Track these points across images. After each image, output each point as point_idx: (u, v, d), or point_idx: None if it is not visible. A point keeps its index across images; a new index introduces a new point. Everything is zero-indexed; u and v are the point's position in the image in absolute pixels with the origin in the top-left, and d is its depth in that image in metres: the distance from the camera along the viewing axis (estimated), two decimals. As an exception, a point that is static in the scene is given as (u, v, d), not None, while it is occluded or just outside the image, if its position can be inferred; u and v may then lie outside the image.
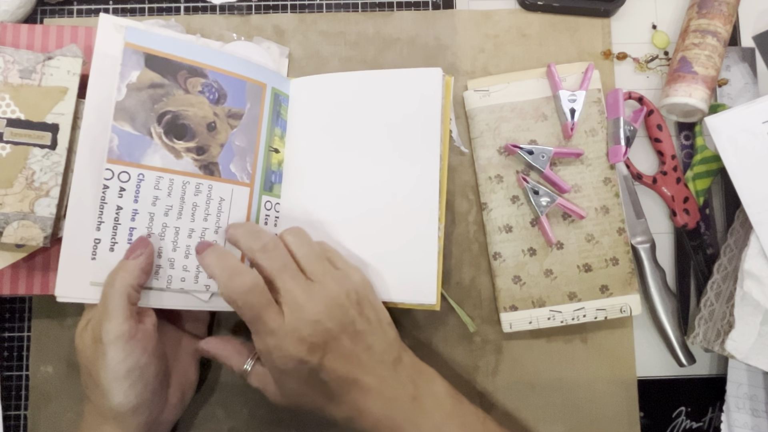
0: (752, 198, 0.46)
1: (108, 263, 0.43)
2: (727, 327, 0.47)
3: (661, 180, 0.52)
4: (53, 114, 0.45)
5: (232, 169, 0.47)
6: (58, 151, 0.44)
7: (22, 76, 0.44)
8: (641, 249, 0.51)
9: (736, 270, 0.48)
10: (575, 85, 0.51)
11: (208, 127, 0.46)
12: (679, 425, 0.51)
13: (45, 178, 0.44)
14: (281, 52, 0.52)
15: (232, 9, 0.54)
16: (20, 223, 0.44)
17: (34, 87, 0.44)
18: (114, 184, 0.43)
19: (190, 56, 0.46)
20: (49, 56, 0.45)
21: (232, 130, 0.47)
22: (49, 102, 0.45)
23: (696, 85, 0.50)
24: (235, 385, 0.50)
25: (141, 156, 0.44)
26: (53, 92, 0.45)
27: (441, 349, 0.51)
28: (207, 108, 0.46)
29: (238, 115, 0.47)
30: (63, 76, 0.45)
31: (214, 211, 0.46)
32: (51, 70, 0.45)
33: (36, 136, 0.44)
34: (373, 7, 0.54)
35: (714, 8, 0.51)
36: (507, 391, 0.51)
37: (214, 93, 0.47)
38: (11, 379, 0.50)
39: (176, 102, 0.45)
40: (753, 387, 0.49)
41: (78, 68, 0.45)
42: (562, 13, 0.54)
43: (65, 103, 0.45)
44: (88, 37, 0.48)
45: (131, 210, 0.44)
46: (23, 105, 0.44)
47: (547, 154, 0.49)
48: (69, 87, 0.45)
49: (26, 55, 0.45)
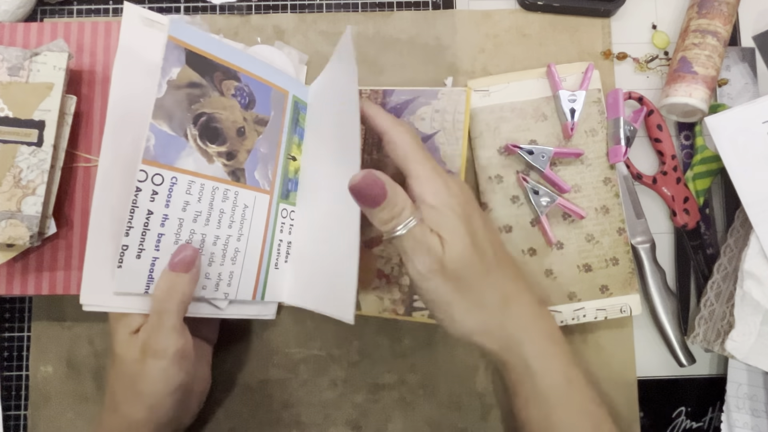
0: (752, 198, 0.46)
1: (134, 271, 0.41)
2: (727, 327, 0.47)
3: (661, 180, 0.52)
4: (40, 110, 0.44)
5: (256, 176, 0.46)
6: (44, 148, 0.44)
7: (11, 74, 0.44)
8: (641, 249, 0.51)
9: (736, 270, 0.48)
10: (575, 85, 0.51)
11: (237, 132, 0.45)
12: (679, 425, 0.51)
13: (32, 176, 0.43)
14: (300, 58, 0.52)
15: (232, 9, 0.54)
16: (8, 222, 0.43)
17: (22, 84, 0.44)
18: (147, 186, 0.40)
19: (225, 57, 0.44)
20: (35, 52, 0.44)
21: (258, 136, 0.46)
22: (35, 98, 0.44)
23: (696, 85, 0.50)
24: (235, 384, 0.50)
25: (175, 158, 0.42)
26: (40, 88, 0.44)
27: (441, 349, 0.51)
28: (238, 112, 0.45)
29: (264, 122, 0.46)
30: (49, 72, 0.44)
31: (238, 219, 0.45)
32: (38, 66, 0.44)
33: (23, 134, 0.43)
34: (373, 7, 0.54)
35: (714, 8, 0.51)
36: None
37: (245, 97, 0.46)
38: (11, 379, 0.50)
39: (212, 104, 0.44)
40: (753, 387, 0.49)
41: (64, 63, 0.44)
42: (562, 13, 0.54)
43: (51, 99, 0.44)
44: (80, 32, 0.48)
45: (162, 215, 0.41)
46: (11, 103, 0.44)
47: (547, 154, 0.49)
48: (54, 82, 0.44)
49: (15, 52, 0.44)
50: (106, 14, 0.53)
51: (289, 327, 0.51)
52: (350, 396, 0.51)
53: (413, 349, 0.51)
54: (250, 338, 0.51)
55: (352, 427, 0.51)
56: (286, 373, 0.51)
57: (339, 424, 0.51)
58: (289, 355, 0.51)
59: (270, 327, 0.51)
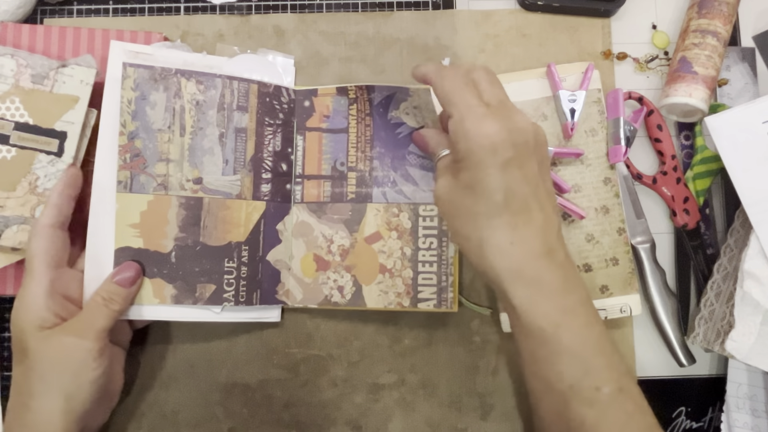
0: (752, 198, 0.46)
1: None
2: (727, 327, 0.47)
3: (661, 180, 0.52)
4: (62, 121, 0.45)
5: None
6: (64, 159, 0.44)
7: (35, 81, 0.44)
8: (641, 249, 0.51)
9: (736, 270, 0.48)
10: (575, 85, 0.51)
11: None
12: (679, 425, 0.51)
13: (49, 185, 0.44)
14: (287, 62, 0.52)
15: (232, 9, 0.54)
16: (20, 227, 0.44)
17: (46, 93, 0.44)
18: None
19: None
20: (63, 64, 0.45)
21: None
22: (59, 109, 0.45)
23: (696, 85, 0.50)
24: (236, 385, 0.51)
25: None
26: (64, 100, 0.45)
27: (441, 349, 0.51)
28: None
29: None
30: (76, 85, 0.45)
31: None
32: (64, 77, 0.45)
33: (43, 142, 0.44)
34: (373, 7, 0.54)
35: (714, 8, 0.51)
36: (507, 391, 0.51)
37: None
38: (11, 379, 0.50)
39: None
40: (753, 387, 0.49)
41: (91, 79, 0.45)
42: (562, 13, 0.54)
43: (75, 112, 0.45)
44: (90, 41, 0.49)
45: None
46: (33, 110, 0.44)
47: (547, 154, 0.49)
48: (80, 96, 0.45)
49: (40, 60, 0.45)
50: (106, 14, 0.53)
51: (289, 327, 0.51)
52: (350, 396, 0.51)
53: (413, 349, 0.51)
54: (250, 338, 0.51)
55: (352, 427, 0.51)
56: (286, 373, 0.51)
57: (339, 424, 0.51)
58: (289, 355, 0.51)
59: (270, 327, 0.51)
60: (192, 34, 0.53)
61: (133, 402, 0.50)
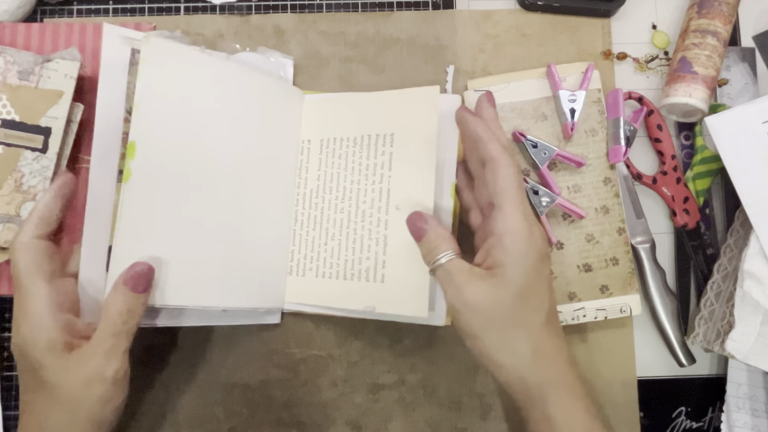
0: (752, 198, 0.46)
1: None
2: (727, 327, 0.47)
3: (661, 180, 0.52)
4: (47, 117, 0.44)
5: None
6: (48, 155, 0.44)
7: (21, 78, 0.44)
8: (641, 249, 0.51)
9: (736, 270, 0.48)
10: (575, 85, 0.51)
11: None
12: (679, 425, 0.51)
13: (33, 182, 0.43)
14: (286, 62, 0.52)
15: (232, 9, 0.54)
16: (5, 225, 0.43)
17: (31, 89, 0.44)
18: None
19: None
20: (47, 58, 0.44)
21: None
22: (44, 105, 0.44)
23: (696, 85, 0.50)
24: (236, 385, 0.50)
25: None
26: (49, 95, 0.44)
27: (441, 349, 0.51)
28: None
29: None
30: (60, 80, 0.44)
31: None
32: (49, 72, 0.44)
33: (28, 139, 0.43)
34: (373, 7, 0.54)
35: (714, 8, 0.51)
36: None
37: None
38: (11, 379, 0.50)
39: None
40: (753, 387, 0.49)
41: (75, 72, 0.44)
42: (562, 13, 0.54)
43: (59, 107, 0.44)
44: (81, 35, 0.48)
45: None
46: (19, 106, 0.44)
47: (549, 153, 0.49)
48: (65, 91, 0.44)
49: (26, 56, 0.44)
50: (106, 14, 0.53)
51: (289, 327, 0.51)
52: (350, 396, 0.51)
53: (413, 349, 0.51)
54: (250, 338, 0.51)
55: (352, 427, 0.51)
56: (286, 373, 0.51)
57: (339, 424, 0.51)
58: (289, 355, 0.51)
59: (270, 327, 0.51)
60: (192, 34, 0.53)
61: (133, 402, 0.50)
